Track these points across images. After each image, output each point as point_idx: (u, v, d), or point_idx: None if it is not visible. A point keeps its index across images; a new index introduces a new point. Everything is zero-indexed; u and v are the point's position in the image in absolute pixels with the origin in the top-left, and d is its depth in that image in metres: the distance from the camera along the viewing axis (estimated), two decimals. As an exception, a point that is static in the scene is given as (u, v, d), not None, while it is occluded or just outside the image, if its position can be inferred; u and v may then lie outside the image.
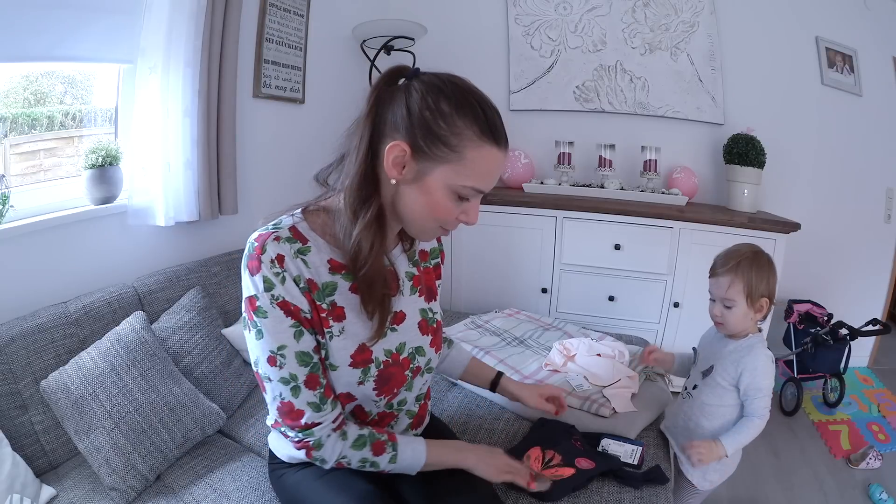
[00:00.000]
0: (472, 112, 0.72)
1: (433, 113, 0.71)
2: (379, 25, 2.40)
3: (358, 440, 0.83)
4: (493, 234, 2.44)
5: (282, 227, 0.79)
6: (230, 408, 1.46)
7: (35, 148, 1.53)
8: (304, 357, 0.78)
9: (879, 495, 1.73)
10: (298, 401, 0.78)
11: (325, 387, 0.80)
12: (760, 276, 1.18)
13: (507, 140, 0.77)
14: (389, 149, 0.73)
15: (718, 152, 2.48)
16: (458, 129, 0.71)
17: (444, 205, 0.76)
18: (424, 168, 0.73)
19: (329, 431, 0.80)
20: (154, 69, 1.54)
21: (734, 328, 1.23)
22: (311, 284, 0.78)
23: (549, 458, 1.13)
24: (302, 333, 0.78)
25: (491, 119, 0.74)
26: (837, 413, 2.28)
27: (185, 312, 1.47)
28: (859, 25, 2.45)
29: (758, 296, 1.19)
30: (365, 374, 0.84)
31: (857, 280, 2.65)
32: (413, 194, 0.76)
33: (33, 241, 1.37)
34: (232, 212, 1.84)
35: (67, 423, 1.15)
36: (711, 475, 1.28)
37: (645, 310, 2.32)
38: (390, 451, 0.85)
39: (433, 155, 0.72)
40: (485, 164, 0.74)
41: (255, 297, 0.76)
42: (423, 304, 0.95)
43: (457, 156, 0.72)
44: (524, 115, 2.76)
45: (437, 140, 0.71)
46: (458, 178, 0.73)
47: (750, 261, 1.20)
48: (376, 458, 0.84)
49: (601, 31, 2.61)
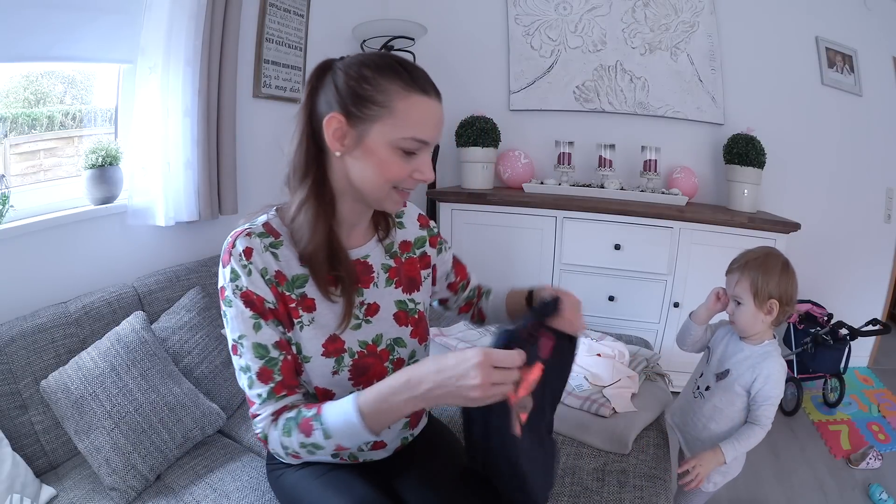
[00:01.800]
0: (391, 70, 0.76)
1: (357, 80, 0.75)
2: (379, 25, 2.41)
3: (285, 426, 0.77)
4: (493, 234, 2.44)
5: (256, 224, 0.83)
6: (230, 408, 1.46)
7: (35, 148, 1.53)
8: (261, 350, 0.79)
9: (879, 495, 1.73)
10: (251, 392, 0.81)
11: (278, 384, 0.80)
12: (769, 277, 1.18)
13: (438, 91, 0.80)
14: (327, 123, 0.76)
15: (718, 152, 2.48)
16: (382, 86, 0.74)
17: (390, 162, 0.77)
18: (362, 131, 0.76)
19: (268, 423, 0.79)
20: (154, 69, 1.54)
21: (744, 327, 1.23)
22: (280, 276, 0.81)
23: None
24: (260, 326, 0.79)
25: (412, 72, 0.77)
26: (837, 413, 2.28)
27: (185, 312, 1.47)
28: (859, 25, 2.45)
29: (765, 296, 1.18)
30: (339, 364, 0.85)
31: (857, 280, 2.65)
32: (360, 162, 0.78)
33: (33, 241, 1.37)
34: (232, 212, 1.84)
35: (67, 423, 1.15)
36: (716, 477, 1.29)
37: (645, 310, 2.32)
38: (318, 426, 0.74)
39: (366, 116, 0.75)
40: (416, 112, 0.76)
41: (223, 287, 0.80)
42: (400, 296, 0.94)
43: (387, 110, 0.75)
44: (524, 115, 2.76)
45: (366, 101, 0.74)
46: (395, 130, 0.75)
47: (760, 261, 1.20)
48: (310, 439, 0.75)
49: (601, 31, 2.61)
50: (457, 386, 0.66)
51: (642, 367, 1.63)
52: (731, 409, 1.23)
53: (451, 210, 2.48)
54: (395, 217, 0.98)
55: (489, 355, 0.66)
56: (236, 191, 1.86)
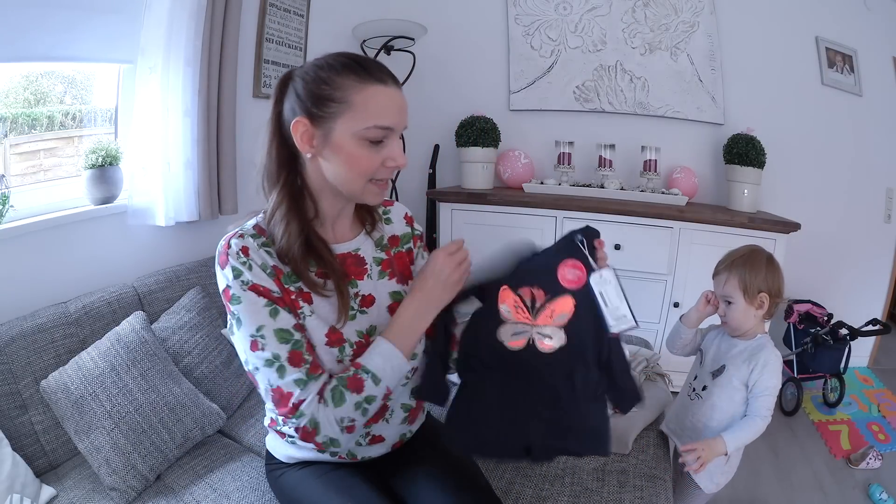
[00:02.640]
0: (344, 66, 0.79)
1: (314, 82, 0.79)
2: (379, 25, 2.40)
3: (334, 395, 0.79)
4: (493, 234, 2.43)
5: (246, 227, 0.85)
6: (230, 408, 1.46)
7: (35, 148, 1.53)
8: (284, 334, 0.79)
9: (879, 495, 1.73)
10: (285, 382, 0.78)
11: (312, 364, 0.80)
12: (755, 272, 1.21)
13: (395, 79, 0.82)
14: (293, 128, 0.79)
15: (718, 152, 2.48)
16: (338, 83, 0.78)
17: (359, 154, 0.79)
18: (327, 130, 0.78)
19: (315, 405, 0.78)
20: (154, 69, 1.54)
21: (737, 325, 1.24)
22: (277, 270, 0.82)
23: (528, 298, 0.84)
24: (277, 311, 0.80)
25: (365, 65, 0.80)
26: (837, 413, 2.28)
27: (185, 312, 1.47)
28: (859, 25, 2.45)
29: (755, 291, 1.20)
30: (342, 353, 0.85)
31: (857, 280, 2.65)
32: (331, 160, 0.80)
33: (33, 241, 1.37)
34: (232, 212, 1.84)
35: (67, 423, 1.15)
36: (718, 477, 1.28)
37: (645, 310, 2.32)
38: (366, 375, 0.80)
39: (327, 114, 0.78)
40: (374, 101, 0.78)
41: (228, 287, 0.80)
42: (394, 287, 0.95)
43: (346, 105, 0.77)
44: (524, 115, 2.76)
45: (325, 100, 0.78)
46: (357, 122, 0.78)
47: (745, 258, 1.23)
48: (364, 394, 0.79)
49: (601, 31, 2.61)
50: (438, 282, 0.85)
51: (642, 367, 1.63)
52: (731, 406, 1.23)
53: (451, 210, 2.48)
54: (382, 213, 1.00)
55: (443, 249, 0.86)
56: (236, 191, 1.86)
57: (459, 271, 0.86)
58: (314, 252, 0.84)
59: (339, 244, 0.90)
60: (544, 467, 1.23)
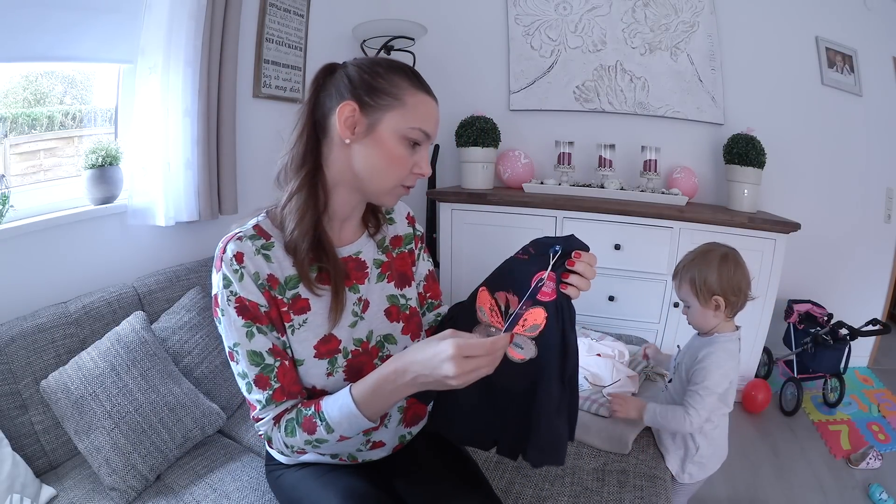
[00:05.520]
0: (401, 70, 0.82)
1: (371, 74, 0.81)
2: (379, 25, 2.40)
3: (287, 427, 0.80)
4: (493, 234, 2.43)
5: (246, 228, 0.84)
6: (230, 408, 1.46)
7: (35, 148, 1.53)
8: (255, 357, 0.80)
9: (879, 495, 1.73)
10: (250, 396, 0.82)
11: (276, 390, 0.81)
12: (706, 274, 1.20)
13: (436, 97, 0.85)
14: (340, 110, 0.79)
15: (718, 152, 2.48)
16: (394, 82, 0.80)
17: (397, 153, 0.81)
18: (374, 120, 0.80)
19: (270, 425, 0.82)
20: (154, 69, 1.54)
21: (698, 326, 1.28)
22: (272, 280, 0.82)
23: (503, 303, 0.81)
24: (253, 335, 0.80)
25: (418, 75, 0.84)
26: (837, 413, 2.28)
27: (185, 312, 1.47)
28: (859, 25, 2.44)
29: (707, 294, 1.20)
30: (332, 365, 0.85)
31: (857, 280, 2.65)
32: (367, 149, 0.81)
33: (33, 241, 1.37)
34: (232, 212, 1.84)
35: (67, 423, 1.15)
36: (689, 467, 1.30)
37: (645, 310, 2.32)
38: (321, 423, 0.78)
39: (379, 105, 0.79)
40: (423, 108, 0.82)
41: (217, 294, 0.81)
42: (392, 290, 0.95)
43: (399, 102, 0.80)
44: (524, 115, 2.76)
45: (380, 92, 0.80)
46: (405, 121, 0.80)
47: (697, 261, 1.23)
48: (315, 436, 0.78)
49: (601, 31, 2.61)
50: (435, 379, 0.69)
51: (642, 367, 1.63)
52: (682, 398, 1.26)
53: (451, 210, 2.48)
54: (386, 213, 0.99)
55: (460, 349, 0.67)
56: (236, 191, 1.86)
57: (463, 381, 0.69)
58: (319, 246, 0.84)
59: (342, 247, 0.90)
60: (544, 467, 1.23)
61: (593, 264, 0.77)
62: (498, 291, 0.82)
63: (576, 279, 0.75)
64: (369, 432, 0.91)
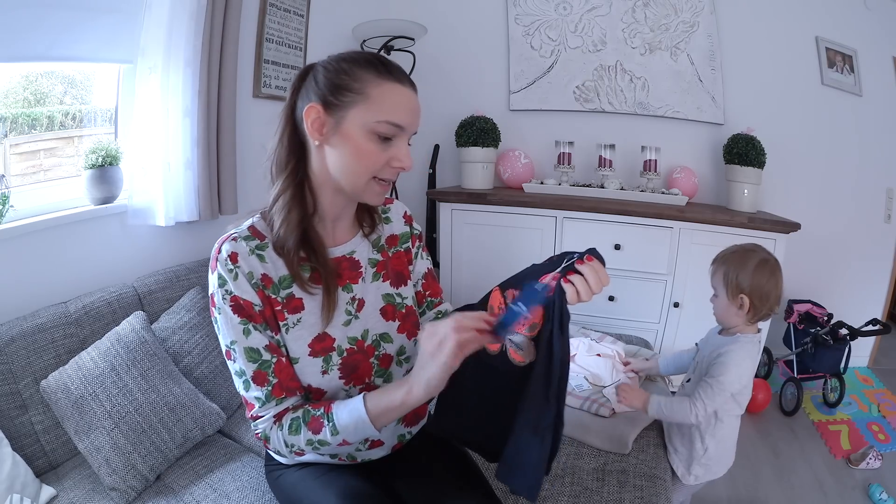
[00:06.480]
0: (367, 62, 0.80)
1: (335, 72, 0.80)
2: (379, 25, 2.40)
3: (292, 425, 0.80)
4: (493, 235, 2.43)
5: (241, 229, 0.85)
6: (230, 408, 1.46)
7: (35, 148, 1.53)
8: (252, 354, 0.81)
9: (879, 495, 1.73)
10: (248, 394, 0.82)
11: (275, 386, 0.82)
12: (741, 271, 1.21)
13: (412, 83, 0.83)
14: (306, 113, 0.79)
15: (718, 152, 2.48)
16: (358, 75, 0.79)
17: (367, 148, 0.79)
18: (339, 118, 0.79)
19: (270, 424, 0.82)
20: (154, 69, 1.54)
21: (719, 318, 1.28)
22: (266, 280, 0.82)
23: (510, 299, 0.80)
24: (249, 332, 0.81)
25: (386, 63, 0.81)
26: (837, 413, 2.28)
27: (185, 312, 1.47)
28: (859, 25, 2.44)
29: (735, 290, 1.21)
30: (327, 363, 0.86)
31: (857, 280, 2.65)
32: (337, 149, 0.80)
33: (33, 241, 1.37)
34: (232, 212, 1.84)
35: (67, 423, 1.15)
36: (696, 468, 1.30)
37: (645, 310, 2.32)
38: (328, 423, 0.79)
39: (342, 103, 0.78)
40: (390, 98, 0.79)
41: (213, 294, 0.81)
42: (388, 290, 0.95)
43: (362, 97, 0.78)
44: (524, 115, 2.76)
45: (342, 89, 0.78)
46: (370, 115, 0.78)
47: (738, 255, 1.24)
48: (318, 436, 0.79)
49: (601, 31, 2.61)
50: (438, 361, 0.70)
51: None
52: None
53: (451, 210, 2.48)
54: (382, 212, 0.99)
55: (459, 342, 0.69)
56: (236, 191, 1.86)
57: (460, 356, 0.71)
58: (308, 245, 0.84)
59: (336, 247, 0.90)
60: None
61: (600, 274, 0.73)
62: (508, 289, 0.82)
63: (577, 279, 0.72)
64: None
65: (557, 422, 0.75)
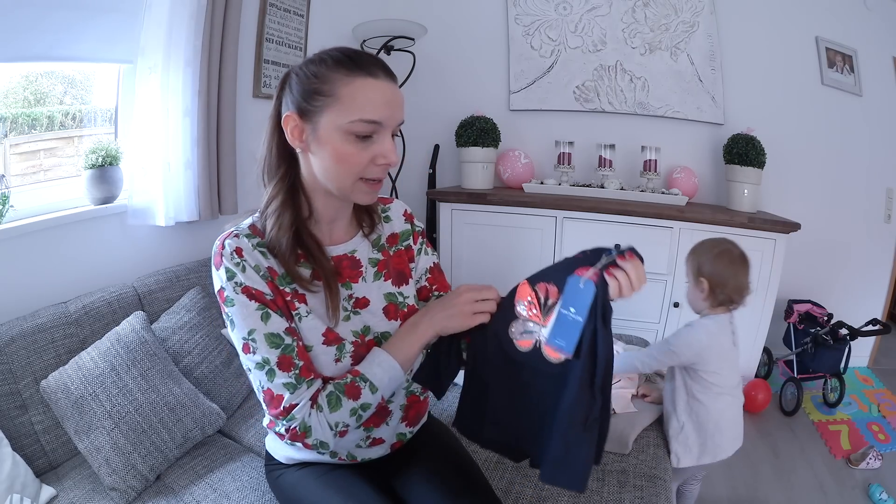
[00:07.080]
0: (334, 60, 0.78)
1: (305, 77, 0.78)
2: (379, 25, 2.40)
3: (330, 400, 0.80)
4: (493, 234, 2.44)
5: (241, 227, 0.85)
6: (230, 408, 1.46)
7: (35, 148, 1.53)
8: (274, 339, 0.79)
9: (879, 495, 1.73)
10: (275, 385, 0.79)
11: (302, 368, 0.80)
12: (704, 258, 1.33)
13: (388, 72, 0.80)
14: (285, 123, 0.79)
15: (718, 152, 2.48)
16: (326, 76, 0.77)
17: (346, 150, 0.78)
18: (314, 124, 0.78)
19: (308, 410, 0.79)
20: (154, 69, 1.54)
21: (689, 302, 1.41)
22: (272, 272, 0.82)
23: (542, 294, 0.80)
24: (269, 315, 0.80)
25: (356, 58, 0.78)
26: (837, 413, 2.28)
27: (185, 312, 1.47)
28: (859, 25, 2.45)
29: (698, 274, 1.34)
30: (340, 351, 0.85)
31: (857, 280, 2.65)
32: (318, 155, 0.80)
33: (33, 241, 1.37)
34: (232, 212, 1.84)
35: (67, 423, 1.15)
36: (674, 446, 1.36)
37: (645, 310, 2.32)
38: (364, 384, 0.81)
39: (315, 108, 0.77)
40: (362, 94, 0.77)
41: (222, 288, 0.80)
42: (390, 289, 0.94)
43: (332, 98, 0.76)
44: (524, 115, 2.76)
45: (313, 94, 0.77)
46: (342, 115, 0.76)
47: (705, 245, 1.37)
48: (360, 401, 0.81)
49: (601, 31, 2.61)
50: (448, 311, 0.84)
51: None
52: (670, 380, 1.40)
53: (451, 210, 2.48)
54: (382, 212, 0.99)
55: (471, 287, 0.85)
56: (236, 191, 1.86)
57: (474, 308, 0.83)
58: (303, 246, 0.84)
59: (335, 246, 0.90)
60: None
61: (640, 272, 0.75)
62: (539, 283, 0.80)
63: (620, 274, 0.74)
64: (369, 427, 0.91)
65: (604, 414, 0.76)
